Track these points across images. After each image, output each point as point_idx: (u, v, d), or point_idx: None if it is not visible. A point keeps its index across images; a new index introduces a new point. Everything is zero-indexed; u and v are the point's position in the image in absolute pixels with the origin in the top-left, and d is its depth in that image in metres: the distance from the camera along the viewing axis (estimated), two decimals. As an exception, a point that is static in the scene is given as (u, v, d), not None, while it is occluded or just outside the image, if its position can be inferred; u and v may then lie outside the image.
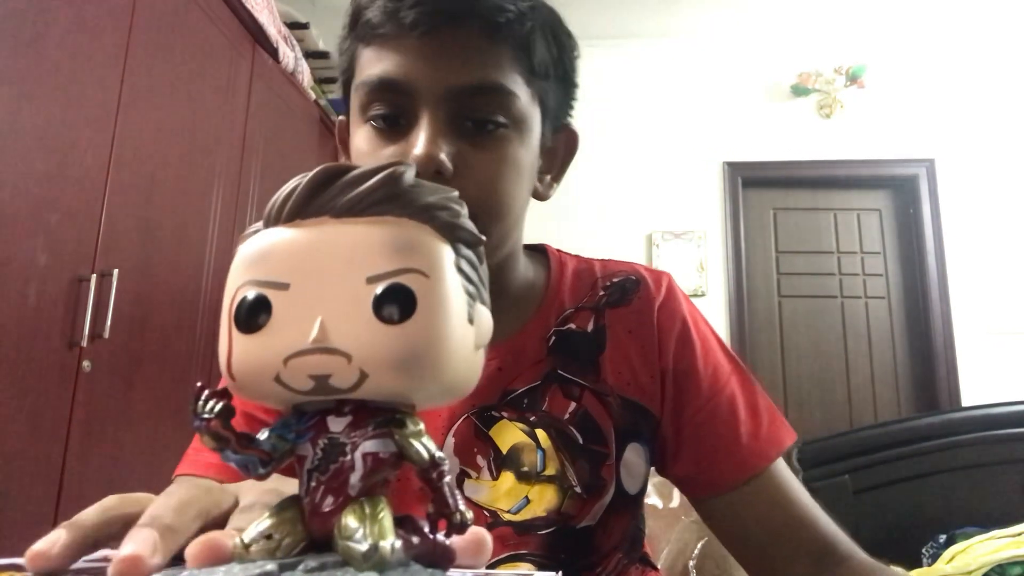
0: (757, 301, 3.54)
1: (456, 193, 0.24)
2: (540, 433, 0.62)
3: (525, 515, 0.60)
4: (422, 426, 0.22)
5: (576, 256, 0.74)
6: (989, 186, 3.49)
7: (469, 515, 0.22)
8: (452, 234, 0.22)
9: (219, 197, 2.03)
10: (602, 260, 0.73)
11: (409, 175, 0.22)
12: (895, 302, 3.55)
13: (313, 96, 2.74)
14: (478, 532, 0.23)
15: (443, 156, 0.54)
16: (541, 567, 0.60)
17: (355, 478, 0.21)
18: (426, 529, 0.22)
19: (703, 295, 3.43)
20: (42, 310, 1.37)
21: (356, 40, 0.61)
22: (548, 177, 0.69)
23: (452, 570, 0.22)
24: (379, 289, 0.20)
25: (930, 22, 3.55)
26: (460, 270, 0.22)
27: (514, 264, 0.67)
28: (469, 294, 0.22)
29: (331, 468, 0.21)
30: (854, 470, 1.79)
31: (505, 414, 0.63)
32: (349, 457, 0.21)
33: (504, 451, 0.62)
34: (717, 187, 3.60)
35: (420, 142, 0.54)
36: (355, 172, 0.22)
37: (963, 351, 3.35)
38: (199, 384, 0.22)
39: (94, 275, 1.48)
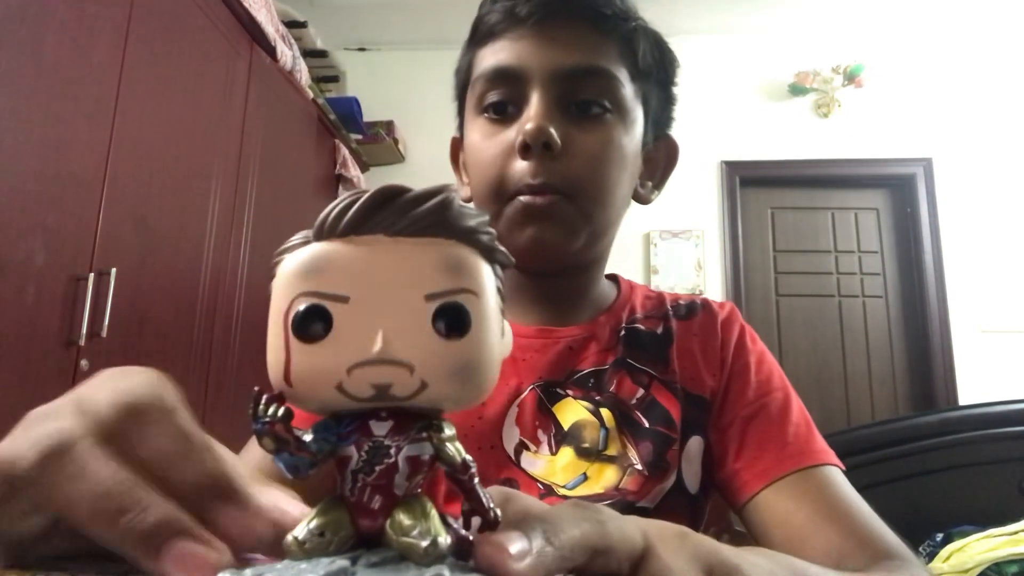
0: (754, 300, 3.54)
1: (487, 218, 0.25)
2: (605, 412, 0.63)
3: (581, 491, 0.59)
4: (454, 431, 0.24)
5: (644, 286, 0.78)
6: (986, 185, 3.50)
7: (499, 512, 0.24)
8: (491, 256, 0.24)
9: (217, 195, 2.03)
10: (671, 293, 0.78)
11: (458, 200, 0.23)
12: (892, 301, 3.55)
13: (311, 95, 2.74)
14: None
15: (552, 130, 0.58)
16: None
17: (400, 479, 0.23)
18: (454, 525, 0.23)
19: (701, 294, 3.43)
20: (40, 309, 1.37)
21: (473, 46, 0.67)
22: (650, 184, 0.72)
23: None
24: (438, 306, 0.22)
25: (928, 21, 3.56)
26: (497, 289, 0.24)
27: (602, 264, 0.72)
28: (501, 310, 0.24)
29: (376, 469, 0.22)
30: (851, 469, 1.75)
31: (570, 392, 0.64)
32: (394, 459, 0.23)
33: (566, 428, 0.62)
34: (715, 186, 3.60)
35: (531, 116, 0.59)
36: (413, 193, 0.23)
37: (960, 350, 3.36)
38: (257, 388, 0.23)
39: (92, 274, 1.47)
